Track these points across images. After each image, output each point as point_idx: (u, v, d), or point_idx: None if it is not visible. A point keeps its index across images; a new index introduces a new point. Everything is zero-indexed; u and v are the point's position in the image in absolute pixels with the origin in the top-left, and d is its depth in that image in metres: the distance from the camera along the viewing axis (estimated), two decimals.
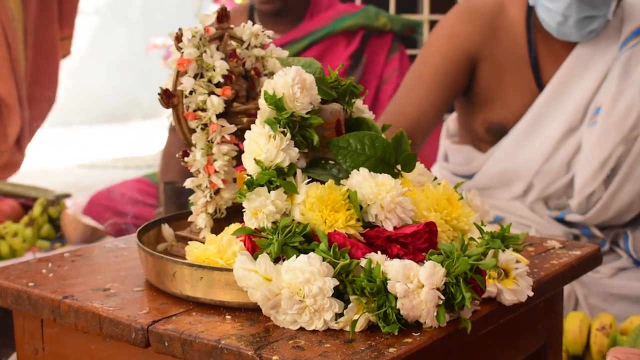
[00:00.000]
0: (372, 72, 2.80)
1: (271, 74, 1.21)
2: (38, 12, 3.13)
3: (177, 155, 1.18)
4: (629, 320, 1.69)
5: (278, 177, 0.99)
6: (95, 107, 8.56)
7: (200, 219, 1.16)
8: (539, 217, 2.02)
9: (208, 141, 1.14)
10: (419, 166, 1.17)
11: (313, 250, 0.94)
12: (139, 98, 8.37)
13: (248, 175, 1.00)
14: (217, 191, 1.16)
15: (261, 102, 1.04)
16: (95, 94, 8.59)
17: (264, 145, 1.00)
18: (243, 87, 1.19)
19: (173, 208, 2.37)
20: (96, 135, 7.78)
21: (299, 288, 0.90)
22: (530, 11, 2.00)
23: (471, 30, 2.03)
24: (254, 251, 0.96)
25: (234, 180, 1.17)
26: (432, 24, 4.63)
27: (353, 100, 1.14)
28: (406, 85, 2.08)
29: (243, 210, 0.99)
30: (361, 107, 1.16)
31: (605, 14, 1.88)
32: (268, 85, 1.03)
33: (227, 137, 1.14)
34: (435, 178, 1.20)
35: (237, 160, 1.16)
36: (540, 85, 2.01)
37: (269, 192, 0.98)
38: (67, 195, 2.41)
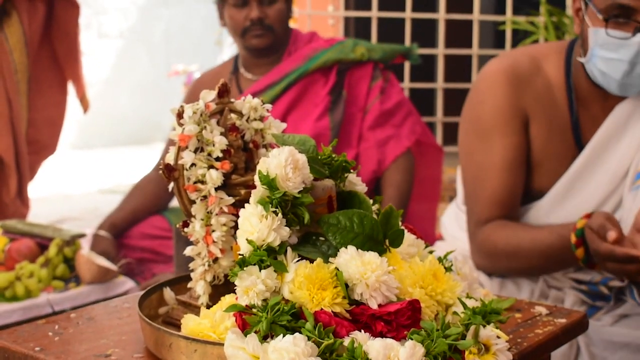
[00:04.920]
0: (355, 104, 2.79)
1: (269, 146, 1.28)
2: (40, 59, 3.21)
3: (177, 226, 1.24)
4: None
5: (269, 256, 1.04)
6: (118, 130, 8.69)
7: (199, 286, 1.22)
8: None
9: (207, 212, 1.20)
10: (409, 237, 1.21)
11: (300, 328, 0.99)
12: (160, 121, 8.49)
13: (240, 254, 1.05)
14: (216, 259, 1.22)
15: (256, 180, 1.09)
16: (118, 117, 8.73)
17: (256, 224, 1.05)
18: (242, 159, 1.25)
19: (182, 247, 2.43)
20: (118, 158, 7.89)
21: None
22: (569, 72, 1.95)
23: (519, 93, 1.95)
24: (244, 328, 1.01)
25: (232, 248, 1.23)
26: (447, 58, 4.70)
27: (345, 176, 1.19)
28: (476, 180, 1.98)
29: (235, 287, 1.04)
30: (354, 181, 1.21)
31: None
32: (262, 165, 1.09)
33: (225, 209, 1.20)
34: (427, 246, 1.25)
35: (236, 228, 1.22)
36: (580, 148, 1.96)
37: (260, 270, 1.03)
38: (82, 235, 2.48)
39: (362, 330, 1.00)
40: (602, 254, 1.64)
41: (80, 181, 6.61)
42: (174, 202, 3.04)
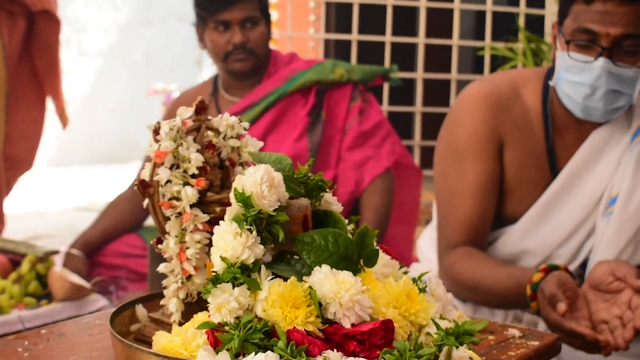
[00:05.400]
0: (334, 125, 2.80)
1: (246, 164, 1.28)
2: (20, 74, 3.20)
3: (151, 242, 1.24)
4: None
5: (242, 274, 1.04)
6: (95, 148, 8.66)
7: (171, 303, 1.21)
8: None
9: (181, 229, 1.20)
10: (384, 257, 1.21)
11: (273, 347, 0.99)
12: (138, 140, 8.46)
13: (214, 271, 1.05)
14: (189, 277, 1.21)
15: (231, 197, 1.09)
16: (96, 135, 8.69)
17: (230, 242, 1.05)
18: (218, 177, 1.24)
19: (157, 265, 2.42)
20: (95, 176, 7.86)
21: None
22: (546, 98, 1.97)
23: (496, 119, 1.96)
24: (216, 345, 1.00)
25: (206, 265, 1.22)
26: (425, 82, 4.73)
27: (321, 195, 1.19)
28: (449, 203, 2.00)
29: (208, 304, 1.04)
30: (330, 200, 1.21)
31: (631, 93, 1.85)
32: (238, 183, 1.09)
33: (200, 226, 1.19)
34: (402, 266, 1.25)
35: (211, 245, 1.21)
36: (555, 174, 1.98)
37: (233, 288, 1.03)
38: (55, 252, 2.45)
39: (335, 350, 1.00)
40: (550, 323, 1.65)
41: (56, 198, 6.57)
42: (150, 221, 3.03)
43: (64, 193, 6.86)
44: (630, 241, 1.90)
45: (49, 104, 3.40)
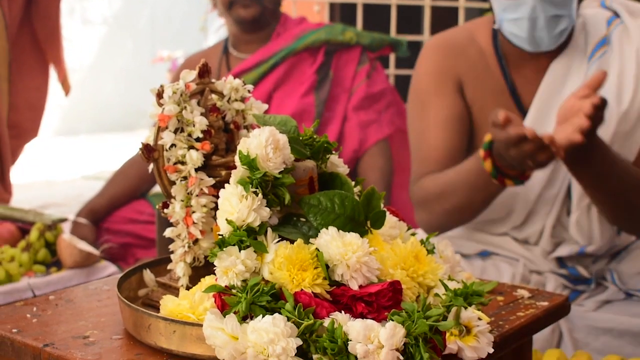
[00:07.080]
0: (341, 85, 2.83)
1: (251, 127, 1.27)
2: (21, 43, 3.17)
3: (157, 207, 1.23)
4: None
5: (249, 237, 1.03)
6: (102, 117, 8.65)
7: (178, 267, 1.21)
8: (527, 252, 2.03)
9: (187, 193, 1.19)
10: (391, 219, 1.20)
11: (280, 309, 0.98)
12: (144, 108, 8.44)
13: (220, 234, 1.04)
14: (196, 241, 1.20)
15: (236, 160, 1.08)
16: (102, 103, 8.68)
17: (236, 205, 1.04)
18: (222, 140, 1.23)
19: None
20: (102, 145, 7.85)
21: (263, 348, 0.94)
22: (496, 39, 2.03)
23: (451, 60, 2.04)
24: (223, 308, 1.00)
25: (212, 229, 1.22)
26: None
27: (327, 157, 1.18)
28: (417, 142, 2.07)
29: (215, 267, 1.03)
30: (336, 162, 1.20)
31: (569, 13, 1.88)
32: (243, 145, 1.08)
33: (206, 190, 1.19)
34: (409, 228, 1.25)
35: (217, 209, 1.21)
36: (523, 111, 2.01)
37: (240, 251, 1.02)
38: (63, 220, 2.45)
39: (343, 311, 0.99)
40: (501, 142, 1.65)
41: (64, 167, 6.58)
42: (158, 187, 3.03)
43: (71, 162, 6.86)
44: None
45: (52, 72, 3.38)
